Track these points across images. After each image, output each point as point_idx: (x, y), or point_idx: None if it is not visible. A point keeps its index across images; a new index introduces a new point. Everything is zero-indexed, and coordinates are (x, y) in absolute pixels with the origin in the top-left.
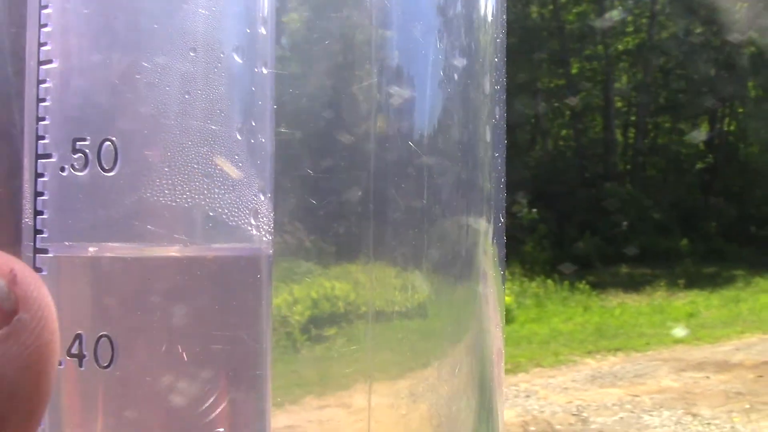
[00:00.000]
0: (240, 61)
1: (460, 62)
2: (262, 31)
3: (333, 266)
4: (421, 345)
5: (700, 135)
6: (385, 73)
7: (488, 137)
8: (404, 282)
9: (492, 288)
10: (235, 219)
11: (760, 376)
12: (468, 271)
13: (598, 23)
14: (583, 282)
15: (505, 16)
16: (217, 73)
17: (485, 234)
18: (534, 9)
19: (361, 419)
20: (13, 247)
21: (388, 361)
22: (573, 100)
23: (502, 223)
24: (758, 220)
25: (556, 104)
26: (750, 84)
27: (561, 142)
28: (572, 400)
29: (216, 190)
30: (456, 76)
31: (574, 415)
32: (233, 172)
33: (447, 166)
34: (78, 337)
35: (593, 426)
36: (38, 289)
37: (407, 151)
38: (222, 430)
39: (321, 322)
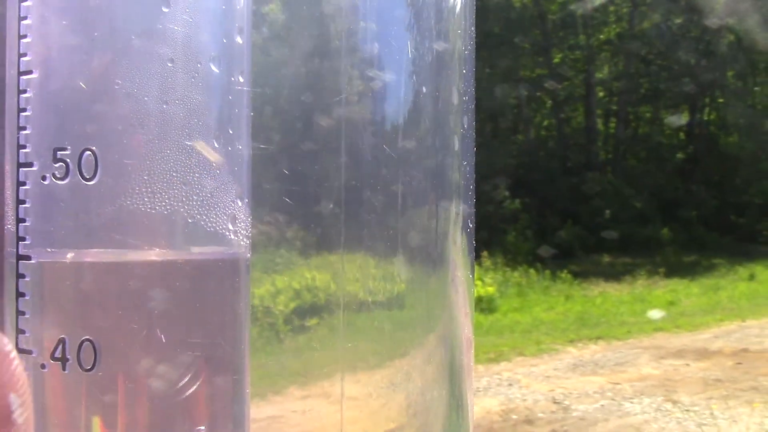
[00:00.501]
0: (217, 71)
1: (438, 46)
2: (239, 40)
3: (314, 256)
4: (399, 335)
5: (679, 120)
6: (362, 65)
7: (459, 125)
8: (384, 272)
9: (461, 277)
10: (213, 225)
11: (739, 363)
12: (439, 260)
13: (580, 9)
14: (565, 271)
15: (473, 28)
16: (194, 83)
17: (455, 224)
18: None
19: (345, 408)
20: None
21: (368, 350)
22: (553, 85)
23: (471, 212)
24: (738, 209)
25: (538, 93)
26: (729, 73)
27: (543, 132)
28: (554, 389)
29: (194, 197)
30: (423, 67)
31: (555, 403)
32: (212, 156)
33: (420, 157)
34: (61, 341)
35: (575, 414)
36: None
37: (383, 144)
38: (203, 428)
39: (303, 313)
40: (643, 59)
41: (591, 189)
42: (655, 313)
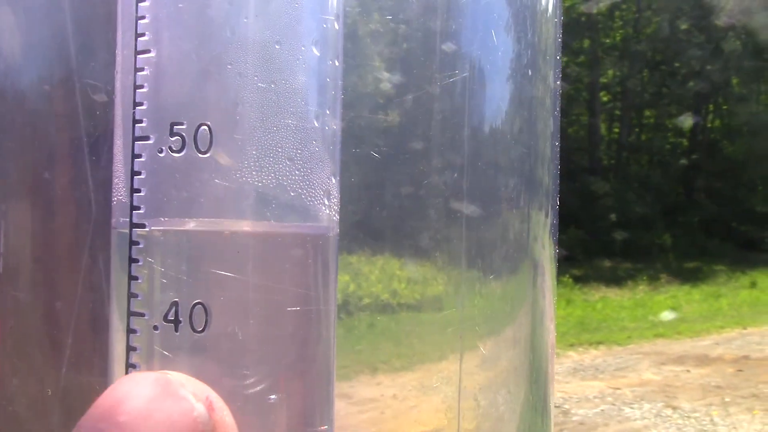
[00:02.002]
0: (317, 54)
1: (525, 54)
2: (335, 26)
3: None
4: (434, 338)
5: (686, 121)
6: (459, 66)
7: (550, 128)
8: (413, 274)
9: (548, 282)
10: (312, 199)
11: (739, 371)
12: (523, 264)
13: (585, 14)
14: (566, 275)
15: (561, 32)
16: (298, 65)
17: (544, 227)
18: None
19: (365, 410)
20: (76, 225)
21: (392, 353)
22: (564, 86)
23: (557, 217)
24: (740, 216)
25: None
26: (734, 81)
27: None
28: (554, 392)
29: (297, 172)
30: (520, 68)
31: (555, 407)
32: (225, 160)
33: (513, 159)
34: (174, 304)
35: (575, 418)
36: (228, 415)
37: (464, 139)
38: (274, 396)
39: None
40: (647, 64)
41: (593, 193)
42: (668, 315)
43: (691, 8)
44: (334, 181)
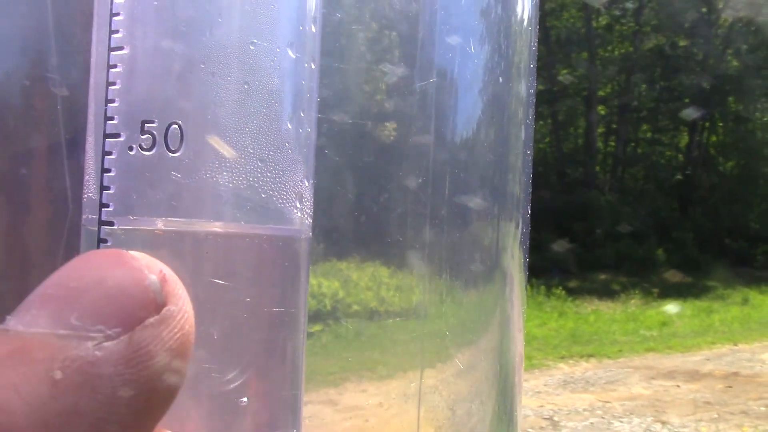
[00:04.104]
0: (293, 56)
1: (498, 66)
2: (312, 28)
3: (321, 263)
4: (415, 346)
5: (694, 113)
6: (433, 77)
7: (522, 140)
8: (399, 282)
9: (517, 292)
10: (283, 201)
11: (729, 387)
12: (492, 274)
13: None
14: (560, 288)
15: (536, 43)
16: (272, 66)
17: (513, 238)
18: None
19: (349, 417)
20: (51, 221)
21: (378, 360)
22: (558, 107)
23: (527, 228)
24: (733, 233)
25: (539, 109)
26: (731, 98)
27: (543, 146)
28: (544, 404)
29: (268, 174)
30: (493, 79)
31: (545, 419)
32: (228, 152)
33: (484, 169)
34: None
35: (564, 430)
36: (182, 289)
37: (430, 149)
38: (245, 399)
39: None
40: (645, 79)
41: (588, 206)
42: (672, 308)
43: (690, 26)
44: (307, 184)
